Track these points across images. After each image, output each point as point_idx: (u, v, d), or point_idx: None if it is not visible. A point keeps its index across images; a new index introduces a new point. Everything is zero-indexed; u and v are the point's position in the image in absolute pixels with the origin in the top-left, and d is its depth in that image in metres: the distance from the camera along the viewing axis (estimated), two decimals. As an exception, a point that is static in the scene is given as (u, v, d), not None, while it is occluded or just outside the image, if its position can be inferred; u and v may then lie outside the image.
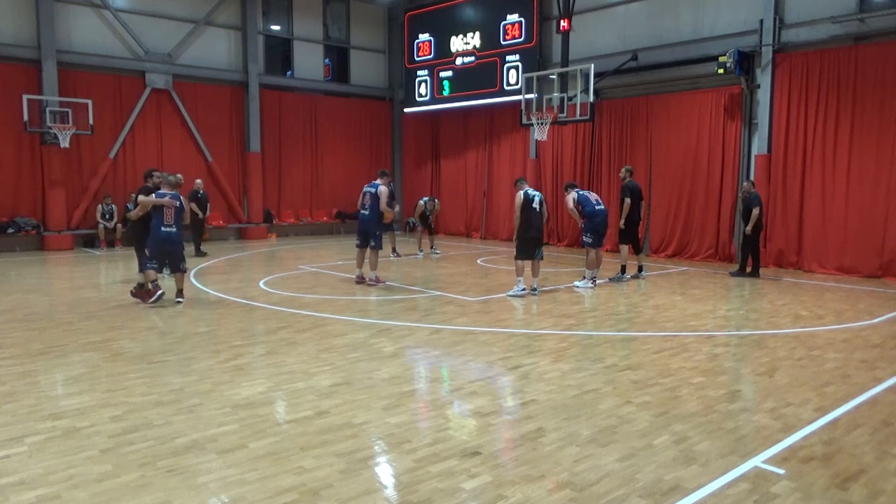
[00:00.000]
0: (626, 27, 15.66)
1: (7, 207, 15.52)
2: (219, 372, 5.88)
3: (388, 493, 3.67)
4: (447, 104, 19.81)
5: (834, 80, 12.40)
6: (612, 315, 8.64)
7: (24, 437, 4.34)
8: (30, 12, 15.47)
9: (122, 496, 3.57)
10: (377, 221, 10.52)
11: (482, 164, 19.62)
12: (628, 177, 11.42)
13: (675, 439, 4.40)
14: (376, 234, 10.54)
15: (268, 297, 9.67)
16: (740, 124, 13.90)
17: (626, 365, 6.22)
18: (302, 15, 19.97)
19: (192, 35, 17.84)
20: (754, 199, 11.57)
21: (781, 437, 4.45)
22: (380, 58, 21.92)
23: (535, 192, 9.81)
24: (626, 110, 15.76)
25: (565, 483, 3.76)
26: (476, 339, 7.17)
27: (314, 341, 7.01)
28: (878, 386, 5.65)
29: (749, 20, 13.45)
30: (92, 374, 5.77)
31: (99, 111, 15.89)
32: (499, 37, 18.13)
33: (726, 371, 6.14)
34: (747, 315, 8.76)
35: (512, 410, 5.01)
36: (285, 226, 19.89)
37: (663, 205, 15.08)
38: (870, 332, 7.74)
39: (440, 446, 4.26)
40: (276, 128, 19.53)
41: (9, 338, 7.09)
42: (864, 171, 12.07)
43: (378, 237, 10.57)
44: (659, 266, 13.54)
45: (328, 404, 5.04)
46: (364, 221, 10.60)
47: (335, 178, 20.66)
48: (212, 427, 4.55)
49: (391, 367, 6.07)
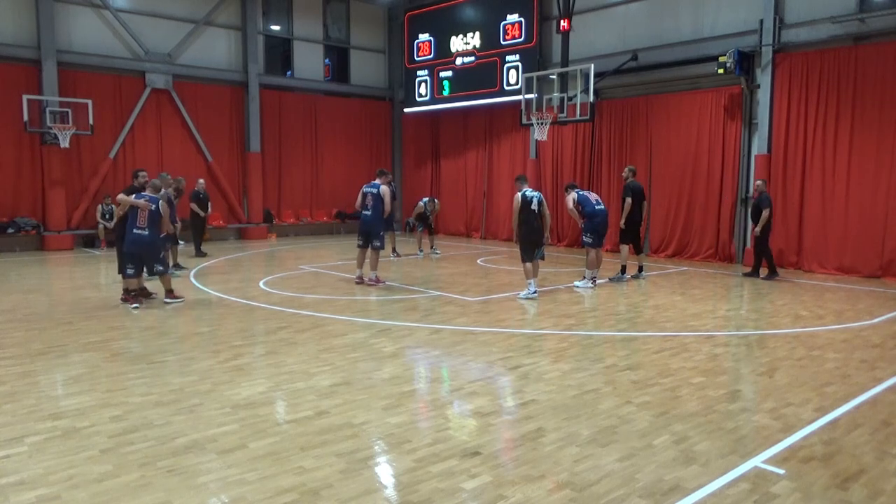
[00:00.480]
0: (626, 27, 15.66)
1: (7, 207, 15.52)
2: (219, 372, 5.88)
3: (388, 493, 3.67)
4: (447, 104, 19.81)
5: (834, 80, 12.39)
6: (612, 315, 8.64)
7: (24, 437, 4.34)
8: (30, 12, 15.47)
9: (122, 496, 3.57)
10: (380, 222, 10.52)
11: (482, 164, 19.62)
12: (631, 176, 11.40)
13: (675, 439, 4.40)
14: (380, 235, 10.54)
15: (268, 297, 9.67)
16: (740, 124, 13.90)
17: (626, 365, 6.22)
18: (302, 15, 19.97)
19: (192, 35, 17.84)
20: (764, 201, 11.47)
21: (781, 437, 4.45)
22: (380, 58, 21.93)
23: (534, 193, 9.63)
24: (626, 110, 15.76)
25: (565, 483, 3.76)
26: (476, 339, 7.17)
27: (314, 341, 7.01)
28: (878, 386, 5.65)
29: (749, 20, 13.45)
30: (92, 374, 5.77)
31: (99, 111, 15.90)
32: (499, 37, 18.12)
33: (726, 371, 6.14)
34: (747, 315, 8.76)
35: (512, 410, 5.01)
36: (285, 226, 19.89)
37: (663, 205, 15.08)
38: (870, 332, 7.74)
39: (440, 446, 4.26)
40: (276, 128, 19.53)
41: (9, 338, 7.09)
42: (864, 171, 12.06)
43: (381, 237, 10.58)
44: (659, 266, 13.54)
45: (328, 404, 5.04)
46: (367, 222, 10.56)
47: (335, 178, 20.66)
48: (212, 427, 4.55)
49: (391, 367, 6.07)
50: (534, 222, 9.52)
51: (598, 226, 10.64)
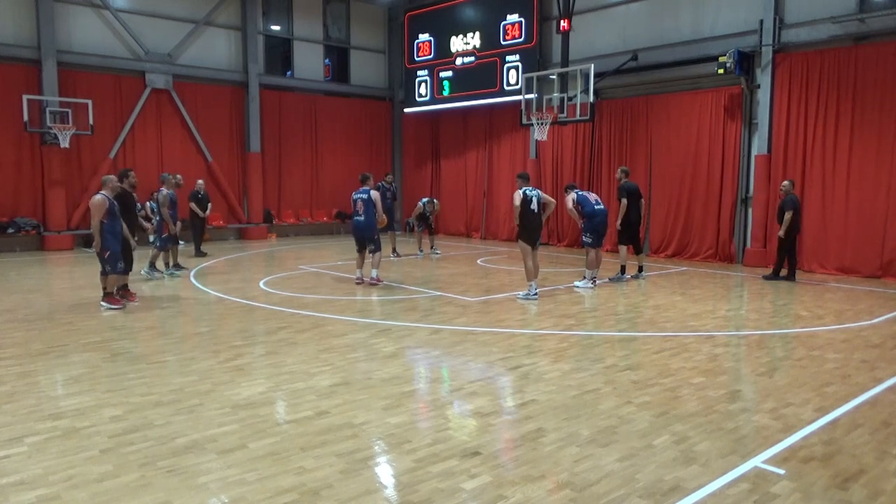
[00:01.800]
0: (626, 27, 15.66)
1: (7, 207, 15.52)
2: (219, 372, 5.88)
3: (388, 493, 3.67)
4: (447, 104, 19.80)
5: (834, 81, 12.39)
6: (612, 315, 8.64)
7: (24, 437, 4.34)
8: (30, 12, 15.47)
9: (122, 496, 3.57)
10: (373, 226, 10.57)
11: (482, 165, 19.62)
12: (624, 178, 11.38)
13: (675, 439, 4.40)
14: (375, 239, 10.59)
15: (268, 297, 9.67)
16: (740, 124, 13.90)
17: (626, 365, 6.22)
18: (302, 15, 19.97)
19: (192, 35, 17.84)
20: (788, 203, 11.15)
21: (781, 438, 4.45)
22: (380, 58, 21.92)
23: (534, 192, 9.59)
24: (626, 110, 15.75)
25: (565, 483, 3.76)
26: (476, 340, 7.17)
27: (314, 341, 7.01)
28: (878, 386, 5.65)
29: (749, 20, 13.45)
30: (92, 374, 5.77)
31: (99, 111, 15.89)
32: (499, 37, 18.12)
33: (726, 371, 6.14)
34: (747, 315, 8.76)
35: (512, 410, 5.01)
36: (285, 226, 19.88)
37: (663, 205, 15.08)
38: (870, 332, 7.73)
39: (440, 446, 4.25)
40: (276, 128, 19.52)
41: (9, 338, 7.09)
42: (864, 171, 12.06)
43: (377, 241, 10.63)
44: (659, 266, 13.54)
45: (328, 404, 5.04)
46: (360, 228, 10.62)
47: (335, 178, 20.64)
48: (212, 427, 4.55)
49: (391, 368, 6.07)
50: (534, 221, 9.53)
51: (597, 226, 10.64)
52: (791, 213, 11.09)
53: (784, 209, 11.20)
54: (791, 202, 11.19)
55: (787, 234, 11.17)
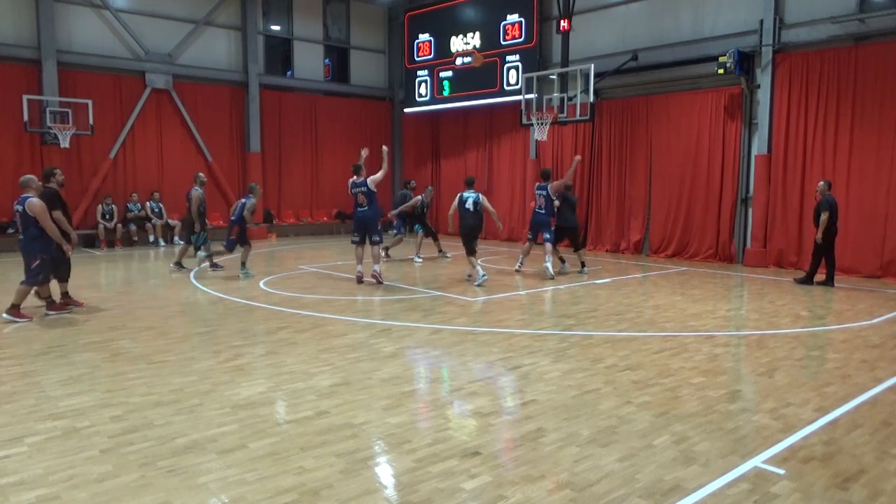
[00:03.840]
0: (626, 27, 15.66)
1: (7, 207, 15.50)
2: (219, 372, 5.87)
3: (388, 493, 3.67)
4: (447, 104, 19.80)
5: (834, 81, 12.39)
6: (612, 315, 8.63)
7: (24, 437, 4.34)
8: (30, 12, 15.46)
9: (122, 496, 3.57)
10: (377, 216, 10.77)
11: (482, 165, 19.61)
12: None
13: (675, 439, 4.40)
14: (377, 229, 10.69)
15: (268, 297, 9.67)
16: (740, 124, 13.90)
17: (626, 365, 6.22)
18: (302, 15, 19.96)
19: (192, 35, 17.84)
20: (823, 204, 10.61)
21: (781, 438, 4.45)
22: (380, 58, 21.92)
23: (470, 194, 10.96)
24: (626, 110, 15.75)
25: (565, 483, 3.76)
26: (476, 340, 7.17)
27: (314, 341, 7.01)
28: (878, 386, 5.65)
29: (749, 20, 13.45)
30: (92, 374, 5.77)
31: (99, 111, 15.88)
32: (499, 37, 18.12)
33: (726, 371, 6.14)
34: (747, 315, 8.76)
35: (512, 410, 5.01)
36: (285, 226, 19.88)
37: (663, 205, 15.07)
38: (870, 332, 7.73)
39: (440, 446, 4.25)
40: (276, 128, 19.52)
41: (9, 338, 7.09)
42: (864, 171, 12.06)
43: (379, 231, 10.75)
44: (659, 266, 13.54)
45: (328, 404, 5.04)
46: (363, 219, 10.70)
47: (335, 178, 20.60)
48: (212, 427, 4.55)
49: (391, 368, 6.07)
50: (468, 220, 10.85)
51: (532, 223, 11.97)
52: (827, 215, 10.54)
53: (820, 210, 10.64)
54: (827, 203, 10.61)
55: (825, 237, 10.66)
